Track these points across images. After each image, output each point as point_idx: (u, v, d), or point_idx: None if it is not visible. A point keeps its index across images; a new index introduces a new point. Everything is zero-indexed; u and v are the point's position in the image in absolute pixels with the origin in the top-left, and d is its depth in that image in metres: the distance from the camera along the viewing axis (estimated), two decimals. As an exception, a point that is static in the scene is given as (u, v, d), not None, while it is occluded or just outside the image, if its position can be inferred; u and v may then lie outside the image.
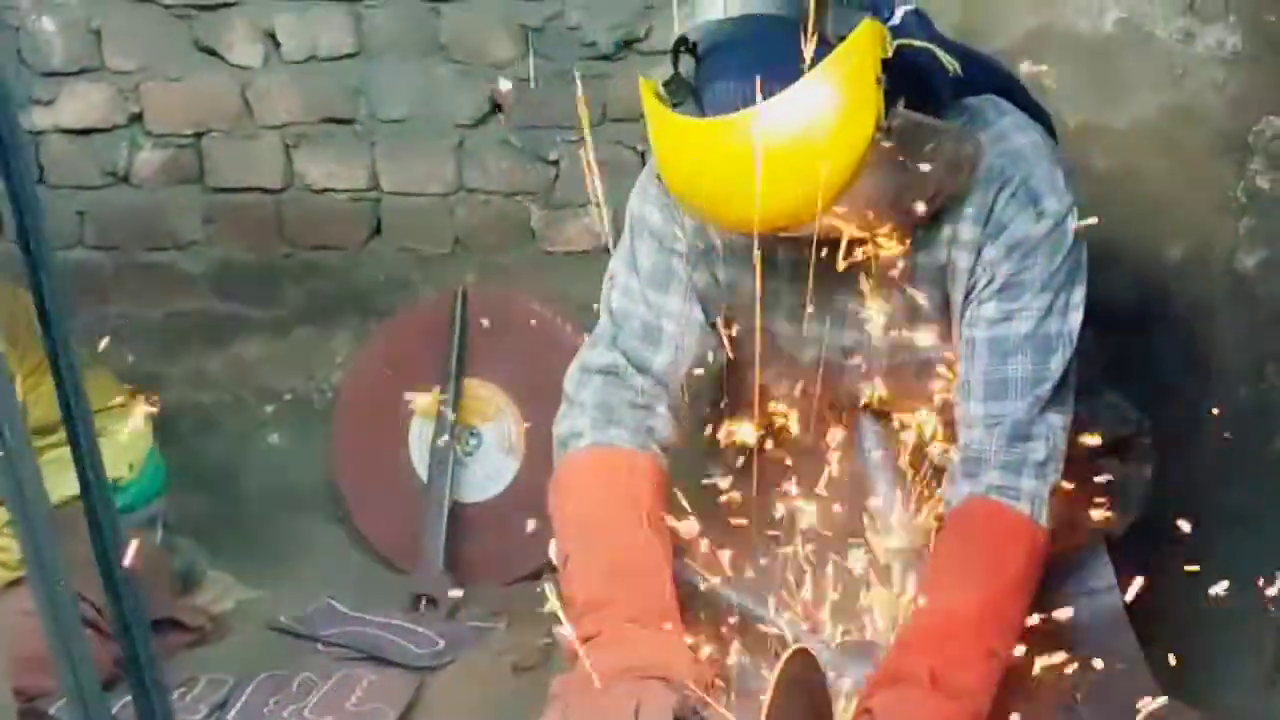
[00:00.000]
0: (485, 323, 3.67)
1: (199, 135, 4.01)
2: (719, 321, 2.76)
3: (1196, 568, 3.05)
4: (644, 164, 2.93)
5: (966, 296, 2.61)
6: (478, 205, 3.89)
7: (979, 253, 2.57)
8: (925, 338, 2.69)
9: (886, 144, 2.27)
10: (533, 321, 3.65)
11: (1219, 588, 2.82)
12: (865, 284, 2.62)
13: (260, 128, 3.97)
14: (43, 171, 4.05)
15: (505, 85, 3.78)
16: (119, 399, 3.55)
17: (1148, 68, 3.31)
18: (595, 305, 3.62)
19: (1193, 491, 3.18)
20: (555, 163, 3.85)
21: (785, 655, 2.09)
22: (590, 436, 2.73)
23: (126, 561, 2.29)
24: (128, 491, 3.43)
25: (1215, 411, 3.10)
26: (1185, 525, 3.00)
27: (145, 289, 4.11)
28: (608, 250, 3.72)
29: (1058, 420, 2.60)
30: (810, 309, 2.65)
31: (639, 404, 2.74)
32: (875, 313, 2.67)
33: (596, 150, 2.70)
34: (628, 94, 3.23)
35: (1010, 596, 2.55)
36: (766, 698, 2.00)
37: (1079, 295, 2.63)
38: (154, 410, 3.61)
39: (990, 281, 2.58)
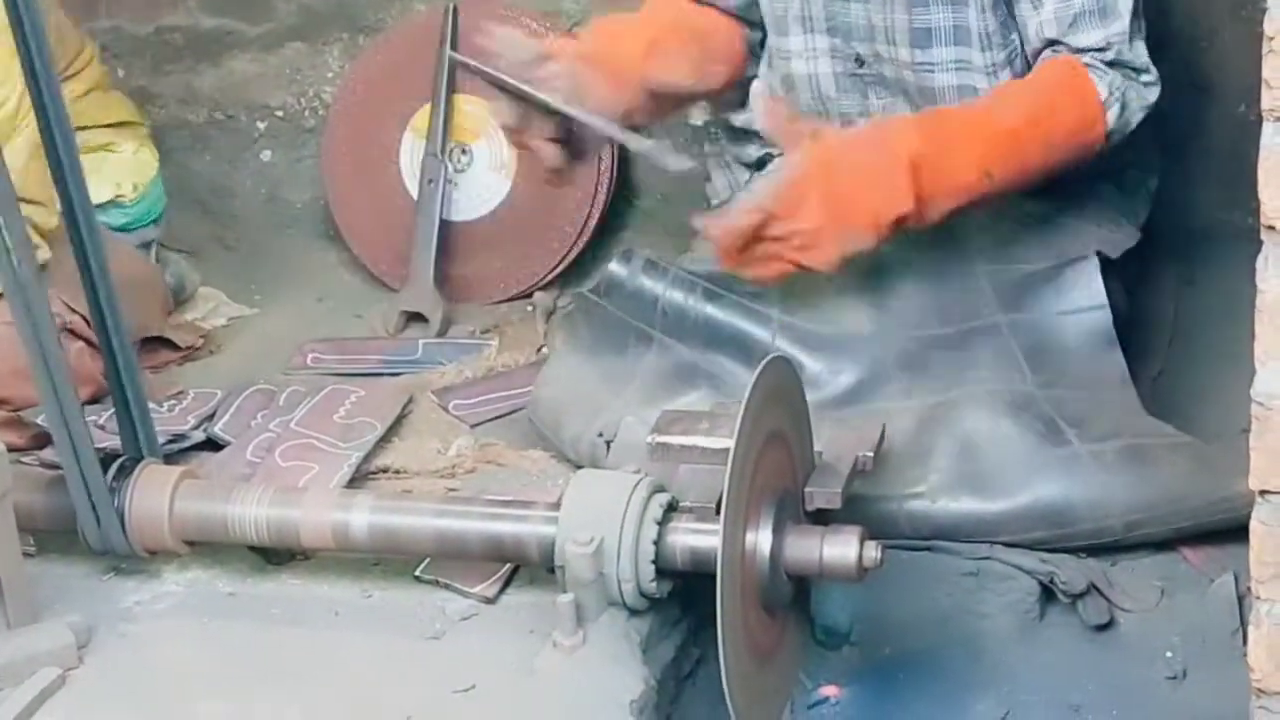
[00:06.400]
0: (476, 38, 3.60)
1: None
2: None
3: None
4: None
5: None
6: (469, -83, 3.79)
7: None
8: None
9: None
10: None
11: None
12: None
13: None
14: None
15: None
16: (130, 118, 3.51)
17: None
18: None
19: (1190, 209, 3.17)
20: None
21: (763, 363, 2.10)
22: None
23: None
24: (128, 211, 3.41)
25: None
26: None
27: (134, 2, 4.03)
28: (603, -35, 3.67)
29: (1142, 48, 2.61)
30: None
31: None
32: None
33: None
34: None
35: (1037, 140, 2.56)
36: (742, 404, 2.01)
37: None
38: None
39: None
